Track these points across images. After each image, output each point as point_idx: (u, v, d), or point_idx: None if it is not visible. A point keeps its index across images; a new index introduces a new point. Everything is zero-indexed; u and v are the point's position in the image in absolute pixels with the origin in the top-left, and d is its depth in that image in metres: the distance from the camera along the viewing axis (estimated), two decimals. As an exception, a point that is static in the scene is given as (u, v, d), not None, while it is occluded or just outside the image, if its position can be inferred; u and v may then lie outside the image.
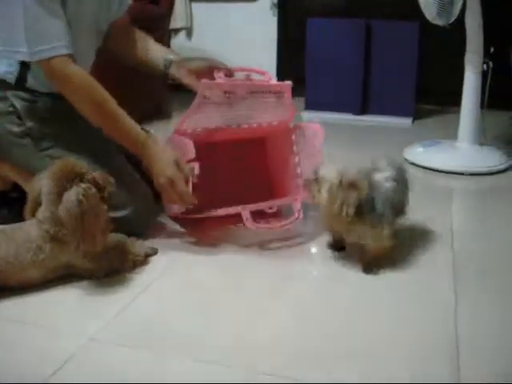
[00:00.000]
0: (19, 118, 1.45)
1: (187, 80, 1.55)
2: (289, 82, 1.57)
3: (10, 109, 1.45)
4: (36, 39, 1.33)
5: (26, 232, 1.22)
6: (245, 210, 1.43)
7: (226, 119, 1.58)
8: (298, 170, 1.70)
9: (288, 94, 1.58)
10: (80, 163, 1.25)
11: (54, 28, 1.34)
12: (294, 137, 1.71)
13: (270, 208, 1.55)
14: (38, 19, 1.32)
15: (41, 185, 1.24)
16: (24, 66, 1.42)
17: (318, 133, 1.61)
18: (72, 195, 1.18)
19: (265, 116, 1.64)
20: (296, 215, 1.48)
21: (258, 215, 1.52)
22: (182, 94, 1.72)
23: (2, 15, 1.37)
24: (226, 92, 1.48)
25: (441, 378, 0.96)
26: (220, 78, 1.47)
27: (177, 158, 1.38)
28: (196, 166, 1.39)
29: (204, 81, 1.43)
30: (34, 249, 1.20)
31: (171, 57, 1.57)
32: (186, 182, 1.37)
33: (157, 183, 1.40)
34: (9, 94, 1.44)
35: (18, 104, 1.45)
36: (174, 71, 1.57)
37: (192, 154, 1.39)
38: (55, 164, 1.25)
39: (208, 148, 1.59)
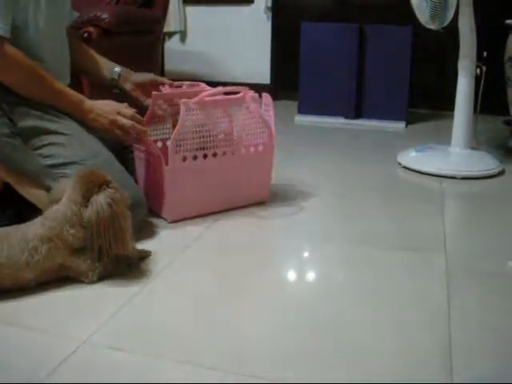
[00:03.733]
0: (10, 119, 1.46)
1: (135, 93, 1.72)
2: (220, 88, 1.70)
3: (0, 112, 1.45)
4: None
5: (22, 233, 1.21)
6: None
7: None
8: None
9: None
10: (105, 174, 1.27)
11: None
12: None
13: None
14: None
15: (65, 187, 1.25)
16: None
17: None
18: (101, 199, 1.20)
19: None
20: None
21: None
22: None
23: None
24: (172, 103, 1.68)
25: (434, 378, 0.96)
26: (166, 90, 1.71)
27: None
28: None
29: (155, 92, 1.66)
30: (29, 250, 1.19)
31: (118, 69, 1.72)
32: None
33: (106, 123, 1.48)
34: None
35: (6, 106, 1.45)
36: (121, 83, 1.72)
37: None
38: (82, 171, 1.28)
39: None
